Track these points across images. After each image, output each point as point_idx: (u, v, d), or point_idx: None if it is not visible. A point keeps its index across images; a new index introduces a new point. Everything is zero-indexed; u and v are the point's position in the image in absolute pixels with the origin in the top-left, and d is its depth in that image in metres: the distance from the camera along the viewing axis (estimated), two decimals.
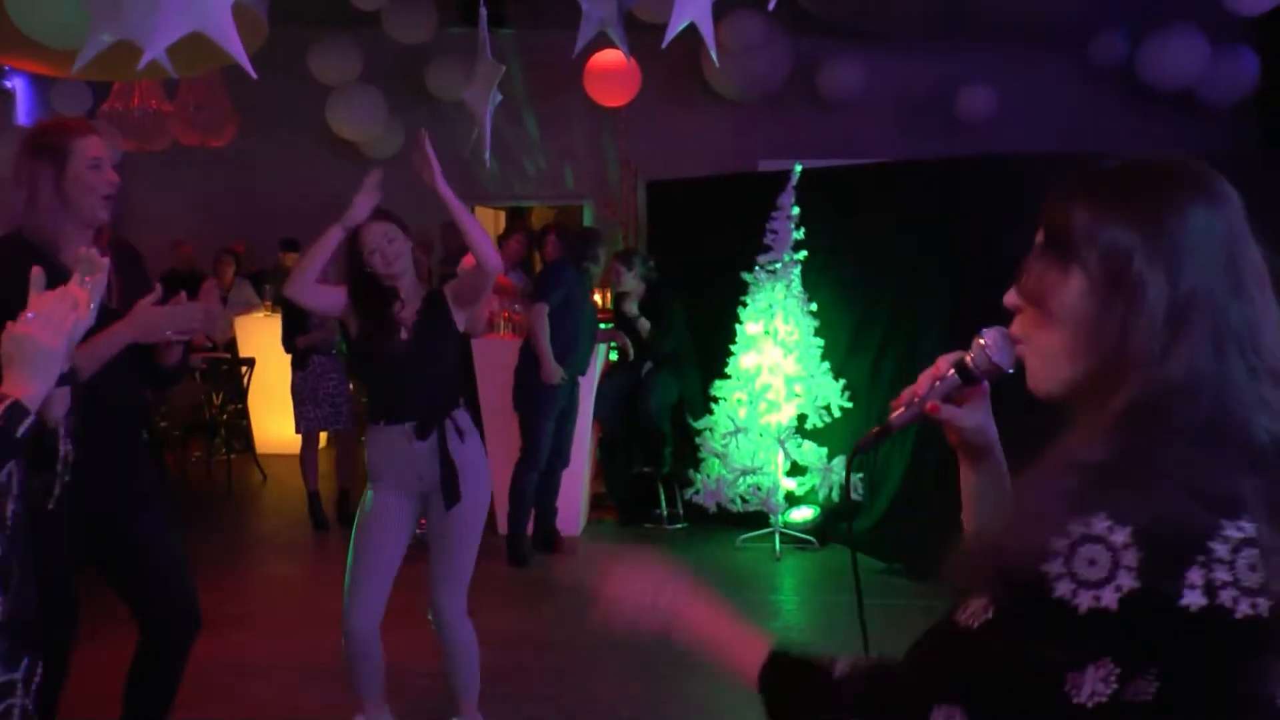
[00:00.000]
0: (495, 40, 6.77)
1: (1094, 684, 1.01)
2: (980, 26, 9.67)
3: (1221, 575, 0.99)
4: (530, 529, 6.40)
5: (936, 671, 1.03)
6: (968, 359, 1.39)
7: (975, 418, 1.45)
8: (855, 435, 6.61)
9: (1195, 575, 0.99)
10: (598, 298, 9.68)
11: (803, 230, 6.55)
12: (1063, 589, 1.00)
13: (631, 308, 6.92)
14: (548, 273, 6.46)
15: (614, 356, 7.25)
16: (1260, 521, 1.01)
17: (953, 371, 1.41)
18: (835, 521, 6.62)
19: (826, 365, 6.53)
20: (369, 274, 3.58)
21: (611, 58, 9.09)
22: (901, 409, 1.48)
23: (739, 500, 6.61)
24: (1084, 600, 0.99)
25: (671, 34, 6.05)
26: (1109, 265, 1.11)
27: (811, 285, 6.60)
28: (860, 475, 6.47)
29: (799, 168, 6.60)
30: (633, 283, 6.91)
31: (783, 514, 6.56)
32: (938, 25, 9.68)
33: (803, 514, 6.67)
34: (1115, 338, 1.10)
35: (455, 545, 3.62)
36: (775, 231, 6.56)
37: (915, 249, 6.38)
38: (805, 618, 5.63)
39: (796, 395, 6.48)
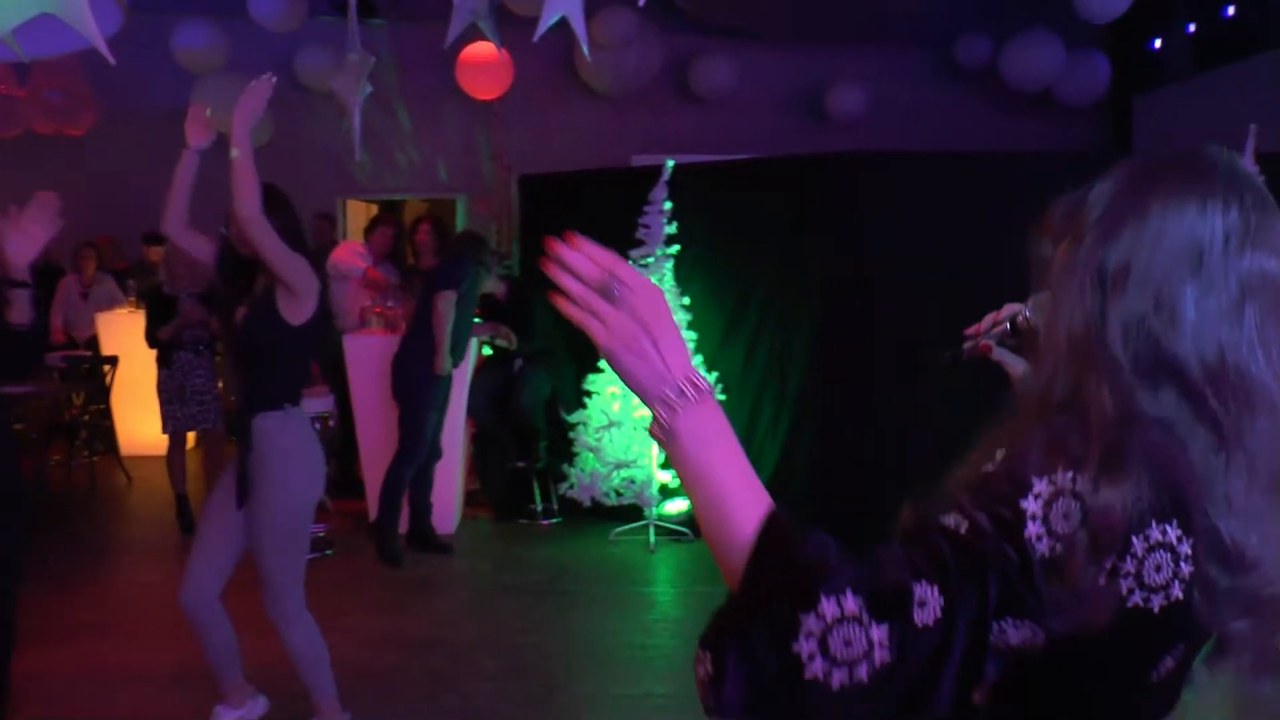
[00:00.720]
0: (366, 31, 6.69)
1: (1019, 632, 1.05)
2: (849, 27, 9.89)
3: (1128, 567, 1.04)
4: (405, 527, 6.35)
5: (921, 553, 1.04)
6: (1020, 314, 1.46)
7: (1022, 368, 1.50)
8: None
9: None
10: None
11: (675, 225, 6.62)
12: (1032, 529, 1.04)
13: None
14: (453, 264, 6.39)
15: (487, 351, 7.22)
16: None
17: (1005, 321, 1.48)
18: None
19: (700, 358, 6.62)
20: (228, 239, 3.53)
21: (484, 50, 9.03)
22: (969, 341, 1.54)
23: (613, 494, 6.66)
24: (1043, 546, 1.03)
25: (543, 28, 6.07)
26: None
27: (684, 279, 6.68)
28: None
29: (671, 163, 6.67)
30: (494, 283, 6.94)
31: (657, 506, 6.62)
32: (808, 25, 9.87)
33: (677, 506, 6.73)
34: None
35: (262, 550, 3.53)
36: (648, 226, 6.61)
37: (786, 243, 6.51)
38: (681, 609, 5.70)
39: None
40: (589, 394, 6.76)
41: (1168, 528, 1.04)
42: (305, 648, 3.62)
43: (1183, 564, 1.06)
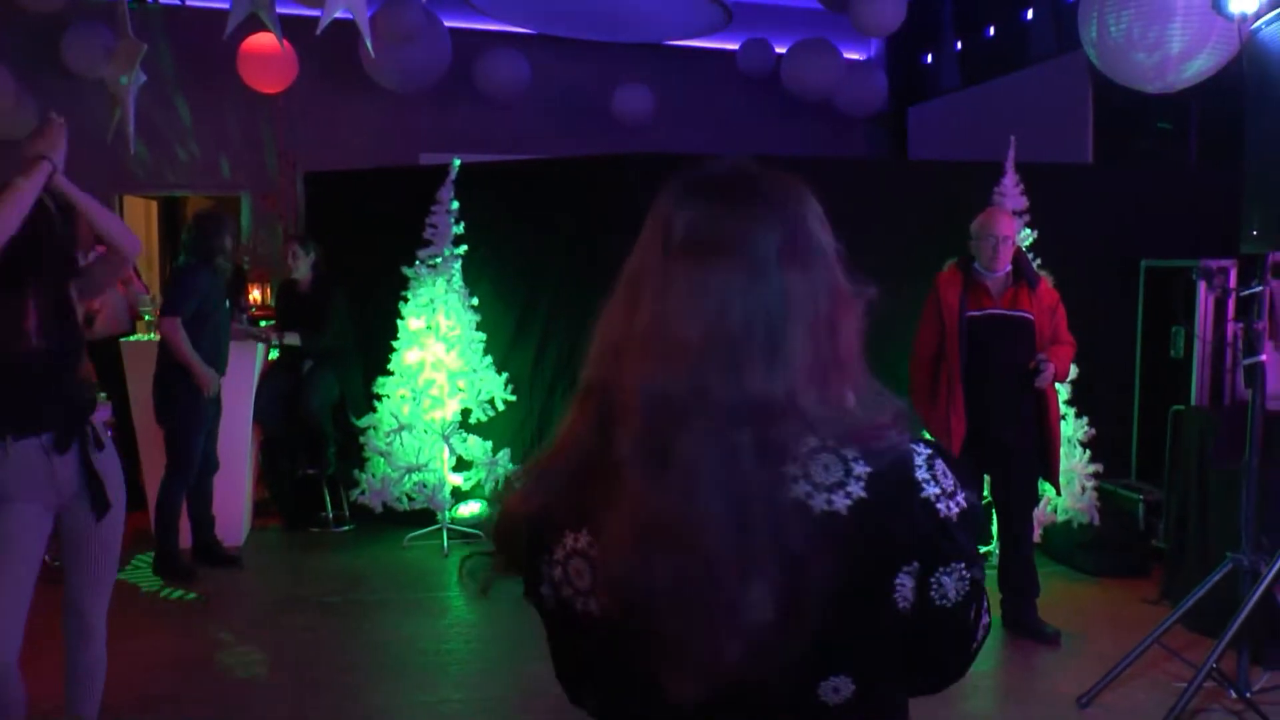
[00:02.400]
0: (139, 15, 6.33)
1: None
2: (635, 31, 10.03)
3: None
4: (188, 542, 6.06)
5: None
6: None
7: None
8: (520, 428, 6.72)
9: None
10: (257, 293, 9.32)
11: (463, 225, 6.56)
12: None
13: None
14: (178, 282, 5.86)
15: (275, 355, 6.97)
16: None
17: None
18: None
19: (489, 359, 6.59)
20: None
21: (267, 41, 8.72)
22: None
23: (405, 499, 6.55)
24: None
25: (326, 21, 5.92)
26: None
27: (473, 280, 6.63)
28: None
29: (457, 162, 6.61)
30: (306, 269, 6.72)
31: (449, 510, 6.56)
32: (595, 27, 9.96)
33: (470, 509, 6.69)
34: None
35: (103, 553, 3.39)
36: (435, 226, 6.54)
37: (573, 243, 6.56)
38: (475, 613, 5.66)
39: (460, 390, 6.50)
40: (379, 397, 6.63)
41: None
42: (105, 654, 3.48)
43: None
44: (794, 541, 1.08)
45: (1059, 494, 5.89)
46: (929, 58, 11.32)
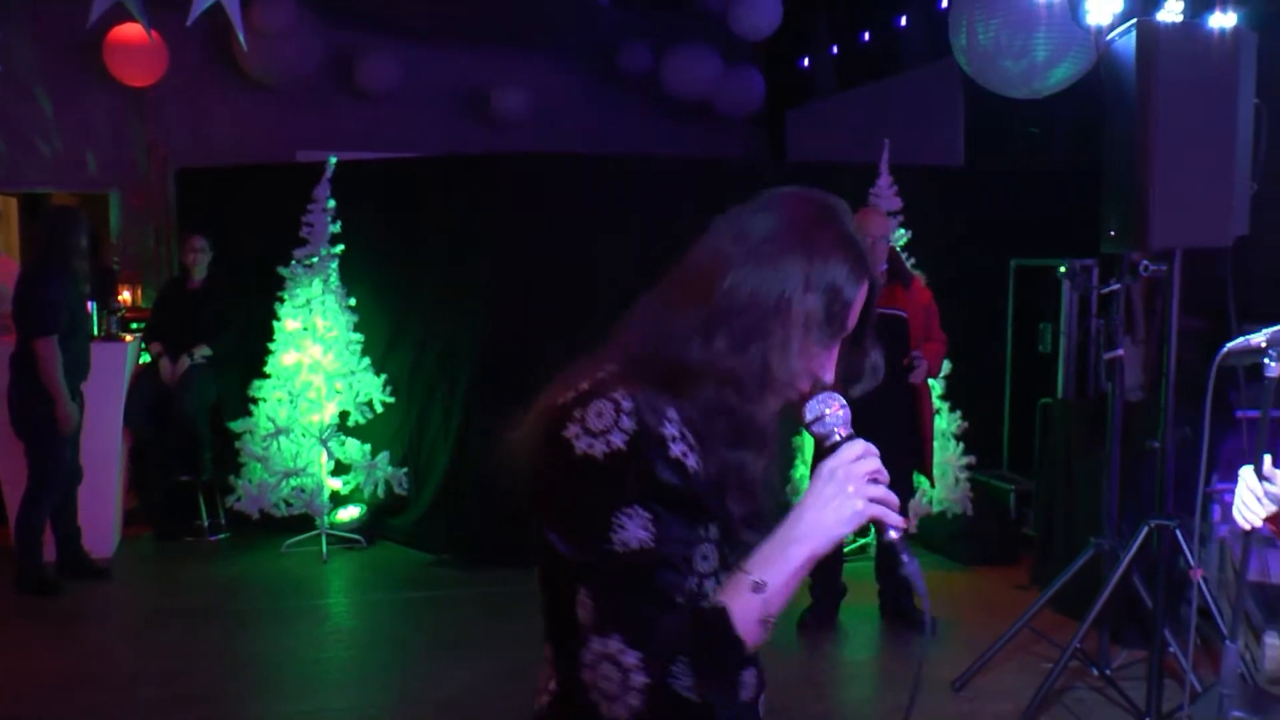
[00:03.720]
0: None
1: None
2: (513, 31, 9.98)
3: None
4: (54, 555, 5.80)
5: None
6: None
7: None
8: (399, 430, 6.63)
9: None
10: (127, 294, 9.00)
11: (339, 224, 6.45)
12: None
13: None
14: (42, 297, 5.41)
15: (146, 359, 6.73)
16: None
17: None
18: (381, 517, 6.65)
19: (367, 361, 6.49)
20: None
21: (135, 32, 8.43)
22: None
23: (283, 504, 6.41)
24: None
25: (196, 12, 5.74)
26: None
27: (350, 280, 6.51)
28: (405, 469, 6.54)
29: (334, 160, 6.49)
30: (204, 269, 6.55)
31: (328, 515, 6.43)
32: (471, 26, 9.88)
33: (349, 513, 6.58)
34: None
35: None
36: (312, 224, 6.41)
37: (452, 243, 6.49)
38: (355, 619, 5.57)
39: (338, 392, 6.39)
40: (255, 400, 6.47)
41: None
42: None
43: None
44: None
45: (933, 486, 6.06)
46: (806, 61, 11.50)
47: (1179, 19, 4.84)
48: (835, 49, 10.97)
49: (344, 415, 6.40)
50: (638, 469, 1.27)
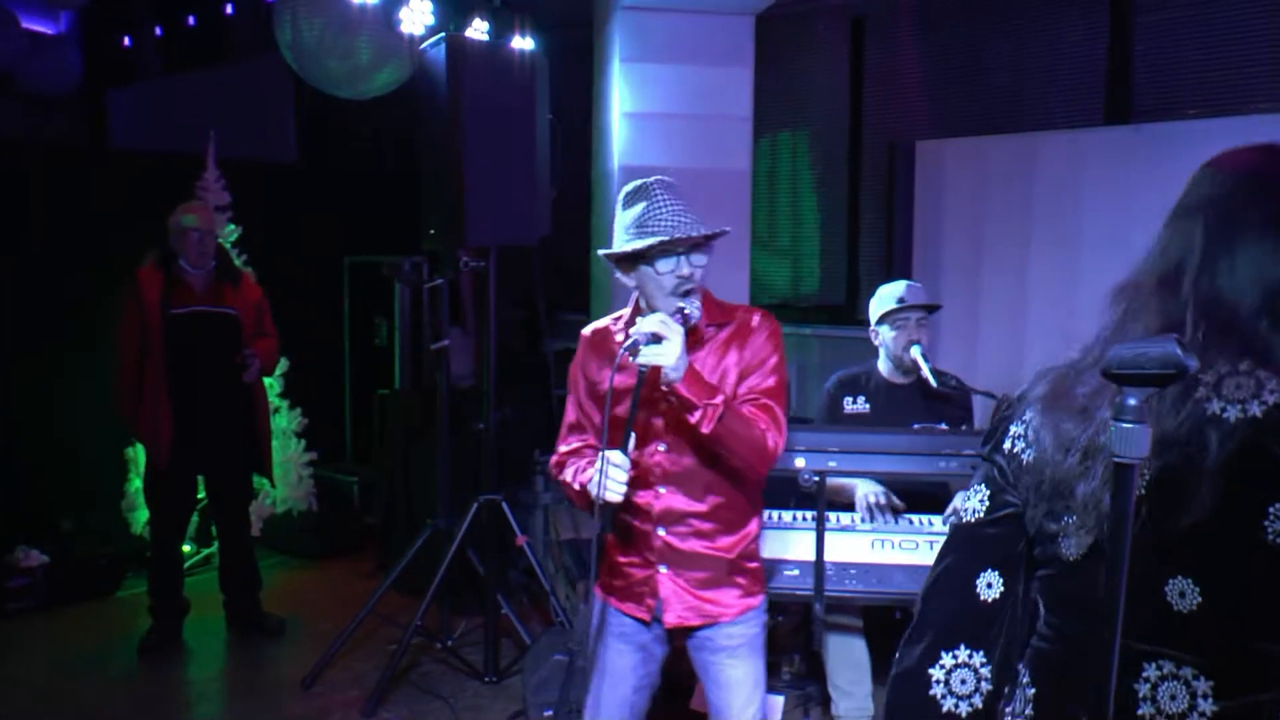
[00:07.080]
0: None
1: None
2: None
3: None
4: None
5: None
6: None
7: None
8: None
9: None
10: None
11: None
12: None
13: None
14: None
15: None
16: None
17: None
18: None
19: None
20: None
21: None
22: None
23: None
24: None
25: None
26: None
27: None
28: None
29: None
30: None
31: None
32: None
33: None
34: None
35: None
36: None
37: None
38: None
39: None
40: None
41: None
42: None
43: None
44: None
45: (274, 486, 6.00)
46: (128, 40, 10.71)
47: (485, 38, 5.27)
48: (160, 30, 10.37)
49: None
50: None
